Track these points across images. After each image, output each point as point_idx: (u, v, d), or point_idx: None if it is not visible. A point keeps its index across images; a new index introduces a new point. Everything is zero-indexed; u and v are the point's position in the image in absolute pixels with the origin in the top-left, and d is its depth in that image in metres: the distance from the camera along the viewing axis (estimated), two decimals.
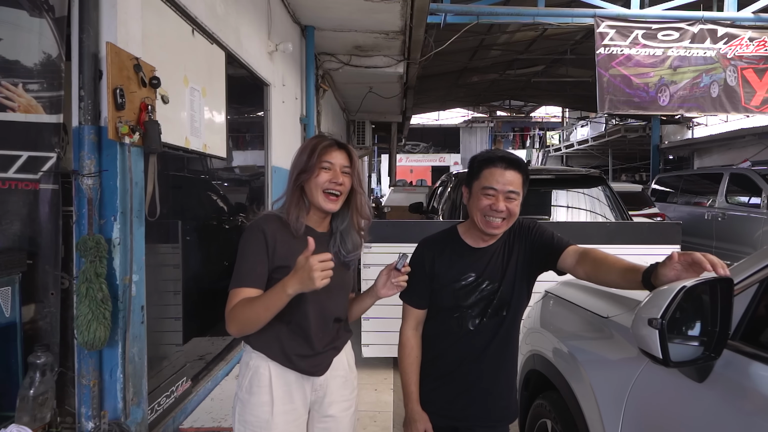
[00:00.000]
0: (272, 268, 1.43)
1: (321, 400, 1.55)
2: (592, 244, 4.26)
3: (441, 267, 1.60)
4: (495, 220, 1.51)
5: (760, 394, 1.17)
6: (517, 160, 1.56)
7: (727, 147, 13.73)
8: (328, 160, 1.48)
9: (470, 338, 1.59)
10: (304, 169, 1.47)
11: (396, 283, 1.55)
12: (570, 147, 21.25)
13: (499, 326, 1.58)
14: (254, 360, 1.47)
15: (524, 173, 1.55)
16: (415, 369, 1.66)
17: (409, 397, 1.65)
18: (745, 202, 7.48)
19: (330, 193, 1.48)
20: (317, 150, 1.48)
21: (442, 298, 1.61)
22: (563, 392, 1.96)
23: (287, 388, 1.47)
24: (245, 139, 4.29)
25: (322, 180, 1.47)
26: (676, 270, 1.16)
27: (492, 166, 1.53)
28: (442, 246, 1.63)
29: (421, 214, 7.03)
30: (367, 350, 3.96)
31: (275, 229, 1.44)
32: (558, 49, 10.92)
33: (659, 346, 1.06)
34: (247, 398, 1.46)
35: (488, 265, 1.58)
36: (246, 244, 1.44)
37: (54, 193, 1.92)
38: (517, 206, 1.52)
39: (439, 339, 1.64)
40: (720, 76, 7.27)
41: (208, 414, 2.38)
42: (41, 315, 1.91)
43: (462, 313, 1.58)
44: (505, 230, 1.55)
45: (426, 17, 5.16)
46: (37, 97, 1.91)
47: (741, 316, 1.31)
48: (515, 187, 1.50)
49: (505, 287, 1.57)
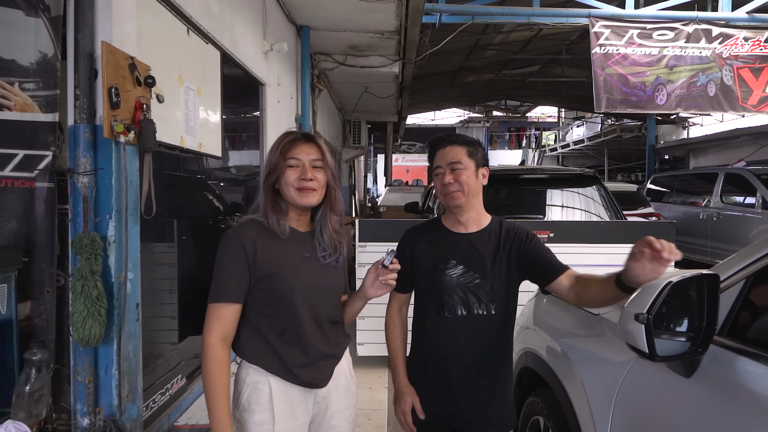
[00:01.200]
0: (258, 277, 1.36)
1: (324, 413, 1.48)
2: (586, 243, 4.29)
3: (421, 251, 1.66)
4: (450, 193, 1.58)
5: (745, 389, 1.19)
6: (456, 136, 1.65)
7: (723, 147, 13.81)
8: (294, 156, 1.40)
9: (451, 326, 1.59)
10: (272, 168, 1.41)
11: (384, 281, 1.49)
12: (566, 147, 21.31)
13: (488, 322, 1.58)
14: (252, 375, 1.38)
15: (467, 144, 1.61)
16: (401, 344, 1.73)
17: (395, 370, 1.70)
18: (740, 201, 7.52)
19: (302, 189, 1.40)
20: (280, 147, 1.41)
21: (422, 281, 1.66)
22: (555, 389, 1.98)
23: (290, 404, 1.38)
24: (240, 138, 4.30)
25: (290, 179, 1.39)
26: (639, 260, 1.19)
27: (437, 150, 1.64)
28: (423, 232, 1.71)
29: (416, 214, 7.06)
30: (362, 349, 3.98)
31: (254, 236, 1.36)
32: (553, 49, 10.95)
33: (645, 341, 1.09)
34: (246, 417, 1.35)
35: (470, 253, 1.61)
36: (222, 255, 1.36)
37: (50, 191, 1.93)
38: (465, 175, 1.57)
39: (423, 326, 1.67)
40: (716, 75, 7.31)
41: (203, 411, 2.39)
42: (37, 312, 1.92)
43: (439, 296, 1.60)
44: (463, 201, 1.58)
45: (421, 17, 5.18)
46: (33, 96, 1.92)
47: (728, 311, 1.33)
48: (458, 158, 1.58)
49: (495, 283, 1.58)
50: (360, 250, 3.98)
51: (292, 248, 1.42)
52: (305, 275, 1.41)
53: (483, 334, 1.59)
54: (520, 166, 5.51)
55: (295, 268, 1.40)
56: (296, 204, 1.42)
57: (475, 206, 1.63)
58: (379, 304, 4.06)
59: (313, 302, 1.41)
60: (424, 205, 7.12)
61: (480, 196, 1.64)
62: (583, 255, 3.96)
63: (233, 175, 4.10)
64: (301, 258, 1.43)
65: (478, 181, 1.61)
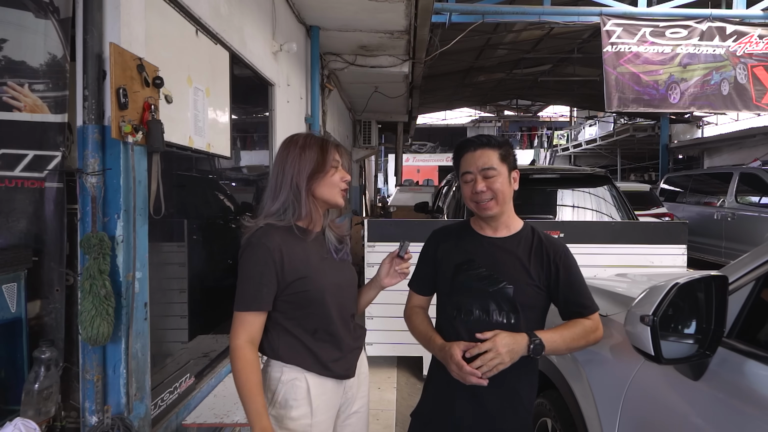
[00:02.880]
0: (288, 282, 1.39)
1: (349, 401, 1.56)
2: (597, 244, 4.25)
3: (444, 251, 1.60)
4: (483, 202, 1.49)
5: (755, 392, 1.17)
6: (486, 137, 1.54)
7: (738, 146, 13.60)
8: (337, 159, 1.48)
9: (468, 330, 1.49)
10: (319, 168, 1.44)
11: (400, 270, 1.55)
12: (578, 147, 21.14)
13: (506, 330, 1.45)
14: (287, 374, 1.42)
15: (498, 147, 1.51)
16: (428, 324, 1.62)
17: (431, 340, 1.55)
18: (756, 201, 7.41)
19: (343, 189, 1.49)
20: (329, 149, 1.47)
21: (442, 281, 1.60)
22: (563, 391, 1.96)
23: (325, 396, 1.44)
24: (250, 138, 4.32)
25: (337, 179, 1.46)
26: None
27: (465, 153, 1.54)
28: (450, 233, 1.65)
29: (426, 214, 7.04)
30: (371, 349, 3.98)
31: (280, 243, 1.39)
32: (565, 48, 10.86)
33: (651, 343, 1.07)
34: (284, 414, 1.41)
35: (495, 257, 1.51)
36: (249, 263, 1.38)
37: (59, 191, 1.95)
38: (499, 182, 1.48)
39: (441, 329, 1.60)
40: (730, 73, 7.21)
41: (211, 410, 2.40)
42: (46, 311, 1.94)
43: (458, 298, 1.53)
44: (497, 211, 1.49)
45: (430, 17, 5.16)
46: (42, 97, 1.94)
47: (737, 314, 1.31)
48: (490, 163, 1.48)
49: (519, 291, 1.47)
50: (369, 250, 3.99)
51: (313, 250, 1.47)
52: (331, 275, 1.47)
53: None
54: (531, 166, 5.46)
55: (321, 270, 1.45)
56: (335, 204, 1.49)
57: (508, 211, 1.55)
58: (388, 304, 4.07)
59: (341, 300, 1.47)
60: (434, 205, 7.11)
61: (511, 201, 1.55)
62: (594, 255, 3.93)
63: (242, 175, 4.12)
64: (322, 259, 1.49)
65: (511, 187, 1.52)
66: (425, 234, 1.75)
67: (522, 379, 1.51)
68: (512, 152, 1.55)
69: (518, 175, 1.56)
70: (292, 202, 1.43)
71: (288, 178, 1.44)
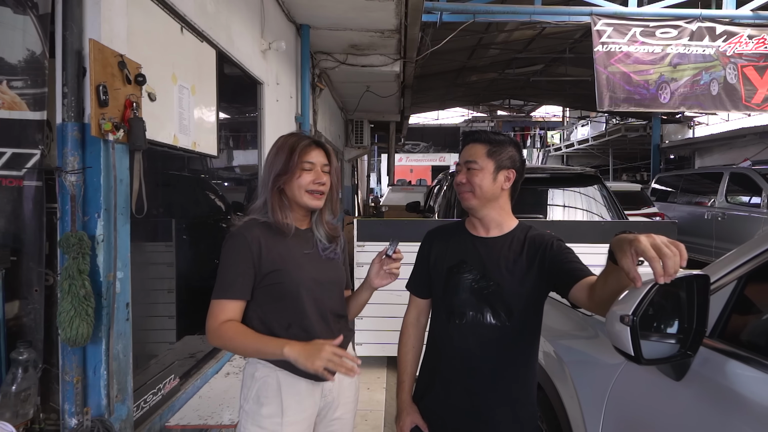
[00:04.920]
0: (264, 273, 1.40)
1: (330, 405, 1.52)
2: (587, 243, 4.26)
3: (438, 251, 1.58)
4: (461, 192, 1.51)
5: (736, 393, 1.16)
6: (481, 132, 1.54)
7: (728, 146, 13.70)
8: (308, 161, 1.46)
9: (461, 334, 1.47)
10: (284, 170, 1.44)
11: (389, 270, 1.53)
12: (570, 146, 21.22)
13: (501, 334, 1.44)
14: (260, 370, 1.43)
15: (489, 143, 1.50)
16: (411, 358, 1.63)
17: (400, 386, 1.61)
18: (746, 201, 7.46)
19: (314, 192, 1.47)
20: (297, 150, 1.45)
21: (436, 284, 1.57)
22: (548, 391, 1.95)
23: (298, 397, 1.42)
24: (238, 137, 4.28)
25: (305, 181, 1.45)
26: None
27: (463, 145, 1.56)
28: (444, 233, 1.63)
29: (418, 213, 7.04)
30: (361, 349, 3.96)
31: (259, 235, 1.42)
32: (557, 47, 10.89)
33: (631, 343, 1.05)
34: (255, 409, 1.40)
35: (487, 258, 1.48)
36: (228, 252, 1.41)
37: (38, 189, 1.91)
38: (479, 177, 1.47)
39: (434, 332, 1.58)
40: (720, 74, 7.24)
41: (195, 411, 2.37)
42: (25, 311, 1.91)
43: (450, 301, 1.50)
44: (474, 204, 1.49)
45: (420, 16, 5.15)
46: (21, 94, 1.91)
47: (719, 313, 1.30)
48: (474, 158, 1.49)
49: (512, 292, 1.44)
50: (359, 250, 3.97)
51: (295, 245, 1.48)
52: (309, 270, 1.47)
53: (495, 346, 1.45)
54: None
55: (298, 264, 1.45)
56: (305, 206, 1.48)
57: (494, 209, 1.51)
58: (378, 304, 4.05)
59: (318, 296, 1.45)
60: (425, 205, 7.10)
61: (501, 199, 1.51)
62: (584, 255, 3.92)
63: (230, 174, 4.09)
64: (303, 254, 1.48)
65: (495, 185, 1.48)
66: (416, 233, 1.74)
67: (519, 380, 1.49)
68: (506, 150, 1.49)
69: (513, 175, 1.51)
70: (269, 200, 1.47)
71: (266, 178, 1.49)
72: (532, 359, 1.51)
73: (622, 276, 1.08)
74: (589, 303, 1.27)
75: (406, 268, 1.63)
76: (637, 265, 1.02)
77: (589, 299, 1.25)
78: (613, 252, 1.07)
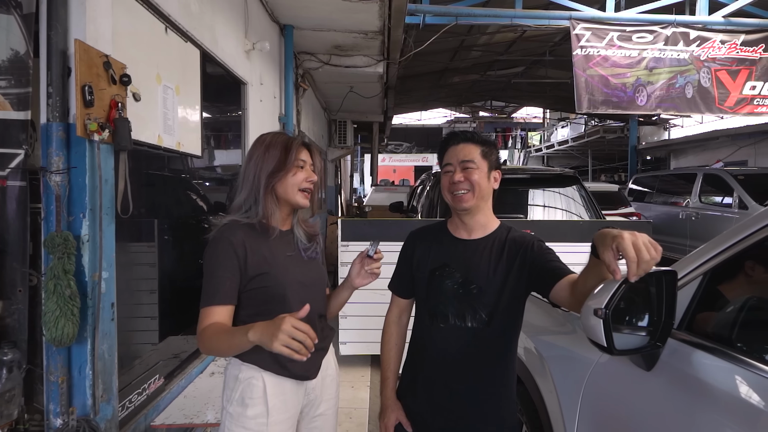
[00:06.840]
0: (249, 277, 1.39)
1: (313, 402, 1.53)
2: (565, 242, 4.36)
3: (421, 254, 1.59)
4: (459, 194, 1.49)
5: (701, 381, 1.23)
6: (471, 133, 1.57)
7: (702, 148, 14.07)
8: (302, 158, 1.47)
9: (443, 336, 1.50)
10: (279, 168, 1.43)
11: (370, 270, 1.55)
12: (551, 147, 21.54)
13: (483, 336, 1.46)
14: (244, 372, 1.41)
15: (482, 144, 1.53)
16: (394, 356, 1.66)
17: (384, 383, 1.63)
18: (719, 201, 7.67)
19: (305, 190, 1.47)
20: (293, 148, 1.45)
21: (419, 286, 1.59)
22: (529, 386, 2.02)
23: (283, 397, 1.42)
24: (222, 137, 4.28)
25: (299, 179, 1.45)
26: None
27: (449, 146, 1.56)
28: (426, 235, 1.64)
29: (401, 213, 7.09)
30: (345, 348, 4.00)
31: (243, 238, 1.39)
32: (537, 50, 11.06)
33: (604, 335, 1.12)
34: (239, 411, 1.39)
35: (470, 261, 1.50)
36: (212, 258, 1.38)
37: (22, 189, 1.91)
38: (477, 176, 1.48)
39: (416, 333, 1.61)
40: (694, 77, 7.45)
41: (181, 411, 2.38)
42: (9, 312, 1.90)
43: (434, 304, 1.52)
44: (472, 204, 1.49)
45: (404, 18, 5.20)
46: (4, 94, 1.90)
47: (686, 307, 1.38)
48: (470, 157, 1.49)
49: (493, 294, 1.46)
50: (343, 249, 4.00)
51: (279, 247, 1.47)
52: (294, 273, 1.46)
53: (477, 348, 1.47)
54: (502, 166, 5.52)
55: (284, 267, 1.44)
56: (296, 204, 1.47)
57: (483, 210, 1.53)
58: (362, 303, 4.06)
59: (303, 298, 1.42)
60: (408, 205, 7.16)
61: (490, 200, 1.55)
62: (562, 254, 4.01)
63: (214, 174, 4.09)
64: (286, 256, 1.48)
65: (489, 184, 1.52)
66: (399, 233, 1.76)
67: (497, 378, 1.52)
68: (495, 152, 1.55)
69: (500, 175, 1.56)
70: (253, 200, 1.44)
71: (250, 176, 1.45)
72: (512, 356, 1.55)
73: (603, 270, 1.12)
74: (570, 300, 1.29)
75: (388, 267, 1.65)
76: (618, 260, 1.07)
77: (571, 296, 1.28)
78: (596, 246, 1.12)
